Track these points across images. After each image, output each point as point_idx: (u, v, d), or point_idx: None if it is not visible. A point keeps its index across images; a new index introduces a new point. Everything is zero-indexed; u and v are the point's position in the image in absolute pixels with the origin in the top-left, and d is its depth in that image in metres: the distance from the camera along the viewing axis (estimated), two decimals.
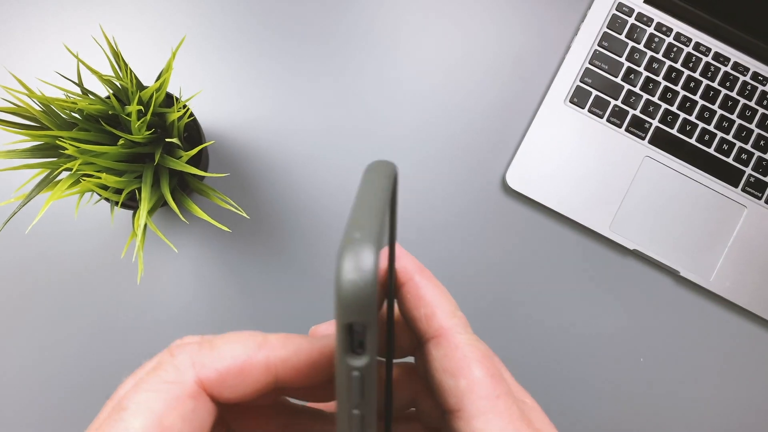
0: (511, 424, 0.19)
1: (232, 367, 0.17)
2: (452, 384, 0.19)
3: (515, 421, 0.19)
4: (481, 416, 0.18)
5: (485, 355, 0.20)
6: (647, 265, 0.52)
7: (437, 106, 0.52)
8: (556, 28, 0.53)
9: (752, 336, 0.53)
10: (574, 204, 0.51)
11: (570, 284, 0.52)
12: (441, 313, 0.20)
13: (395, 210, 0.22)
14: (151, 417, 0.15)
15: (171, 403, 0.16)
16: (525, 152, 0.51)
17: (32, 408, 0.49)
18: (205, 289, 0.50)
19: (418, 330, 0.20)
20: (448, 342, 0.20)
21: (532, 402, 0.22)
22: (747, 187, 0.52)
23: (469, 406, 0.19)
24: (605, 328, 0.52)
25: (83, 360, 0.49)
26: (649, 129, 0.52)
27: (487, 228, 0.52)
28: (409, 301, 0.20)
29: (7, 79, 0.50)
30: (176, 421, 0.16)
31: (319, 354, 0.19)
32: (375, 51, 0.52)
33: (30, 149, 0.37)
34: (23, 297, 0.49)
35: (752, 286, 0.52)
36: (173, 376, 0.17)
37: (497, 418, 0.19)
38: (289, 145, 0.51)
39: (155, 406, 0.16)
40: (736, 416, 0.52)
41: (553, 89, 0.52)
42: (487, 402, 0.19)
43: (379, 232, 0.15)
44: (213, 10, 0.52)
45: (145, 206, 0.36)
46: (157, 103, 0.37)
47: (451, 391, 0.19)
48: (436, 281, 0.21)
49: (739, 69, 0.53)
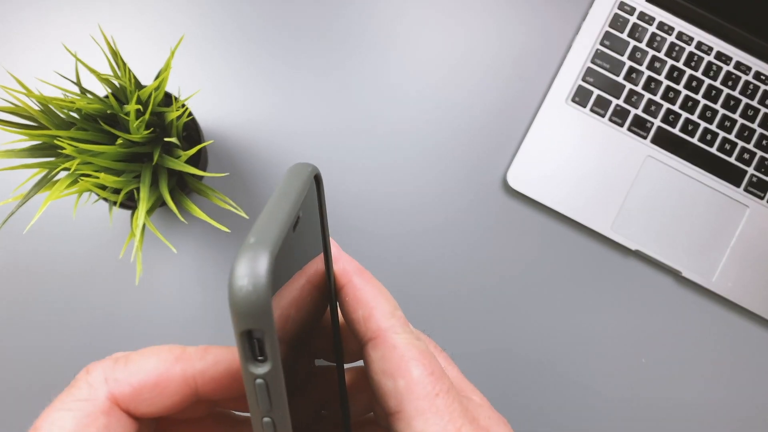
0: (451, 422, 0.18)
1: (147, 381, 0.17)
2: (391, 385, 0.19)
3: (456, 419, 0.18)
4: (420, 416, 0.18)
5: (424, 353, 0.19)
6: (649, 265, 0.52)
7: (438, 106, 0.52)
8: (557, 26, 0.53)
9: (754, 336, 0.53)
10: (576, 204, 0.51)
11: (571, 284, 0.52)
12: (379, 314, 0.20)
13: (324, 213, 0.21)
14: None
15: (83, 421, 0.16)
16: (526, 152, 0.51)
17: (31, 408, 0.48)
18: (204, 289, 0.50)
19: (358, 332, 0.20)
20: (386, 342, 0.19)
21: (480, 399, 0.21)
22: (749, 186, 0.52)
23: (408, 406, 0.18)
24: (606, 328, 0.52)
25: (82, 360, 0.49)
26: (651, 128, 0.52)
27: (488, 228, 0.52)
28: (348, 304, 0.20)
29: (6, 79, 0.50)
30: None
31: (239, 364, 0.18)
32: (375, 50, 0.52)
33: (28, 149, 0.37)
34: (21, 297, 0.49)
35: (754, 287, 0.52)
36: (86, 393, 0.16)
37: (436, 416, 0.18)
38: (289, 144, 0.51)
39: (67, 425, 0.16)
40: (738, 416, 0.52)
41: (555, 88, 0.52)
42: (426, 401, 0.18)
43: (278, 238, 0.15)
44: (212, 10, 0.51)
45: (144, 206, 0.36)
46: (156, 102, 0.36)
47: (390, 392, 0.19)
48: (375, 282, 0.21)
49: (741, 68, 0.53)
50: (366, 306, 0.20)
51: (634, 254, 0.52)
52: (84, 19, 0.50)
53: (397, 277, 0.51)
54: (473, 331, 0.51)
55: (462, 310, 0.51)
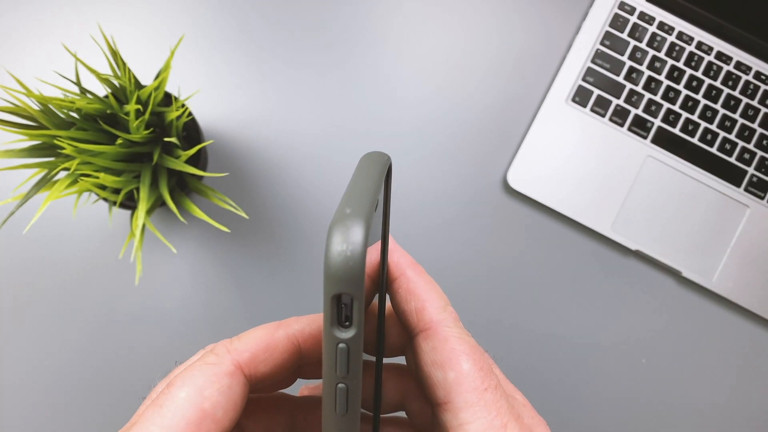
0: (498, 417, 0.19)
1: (260, 346, 0.20)
2: (440, 376, 0.19)
3: (503, 414, 0.19)
4: (469, 408, 0.19)
5: (474, 348, 0.20)
6: (649, 265, 0.52)
7: (438, 105, 0.52)
8: (557, 26, 0.53)
9: (755, 337, 0.52)
10: (576, 204, 0.51)
11: (571, 284, 0.52)
12: (431, 307, 0.20)
13: (388, 204, 0.22)
14: (194, 389, 0.18)
15: (211, 379, 0.19)
16: (526, 152, 0.51)
17: (29, 409, 0.48)
18: (203, 289, 0.50)
19: (409, 324, 0.21)
20: (438, 335, 0.20)
21: (522, 399, 0.22)
22: (749, 186, 0.52)
23: (457, 398, 0.19)
24: (606, 328, 0.52)
25: (81, 360, 0.49)
26: (651, 128, 0.52)
27: (488, 228, 0.52)
28: (400, 295, 0.21)
29: (6, 79, 0.50)
30: (214, 394, 0.19)
31: None
32: (375, 50, 0.52)
33: (28, 149, 0.37)
34: (21, 297, 0.49)
35: (755, 287, 0.51)
36: (213, 359, 0.20)
37: (484, 410, 0.19)
38: (289, 144, 0.51)
39: (198, 381, 0.19)
40: (739, 417, 0.52)
41: (555, 88, 0.52)
42: (475, 395, 0.19)
43: (370, 211, 0.15)
44: (212, 10, 0.51)
45: (144, 206, 0.36)
46: (156, 102, 0.36)
47: (439, 383, 0.19)
48: (427, 276, 0.21)
49: (742, 68, 0.53)
50: (419, 298, 0.20)
51: (634, 254, 0.52)
52: (84, 18, 0.50)
53: None
54: (472, 331, 0.51)
55: (461, 310, 0.51)
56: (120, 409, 0.49)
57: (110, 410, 0.49)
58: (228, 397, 0.19)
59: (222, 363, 0.19)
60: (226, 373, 0.19)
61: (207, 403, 0.18)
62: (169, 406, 0.18)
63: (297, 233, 0.50)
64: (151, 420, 0.18)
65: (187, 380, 0.19)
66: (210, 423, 0.18)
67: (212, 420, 0.18)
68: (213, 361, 0.19)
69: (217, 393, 0.19)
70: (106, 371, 0.49)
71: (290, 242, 0.50)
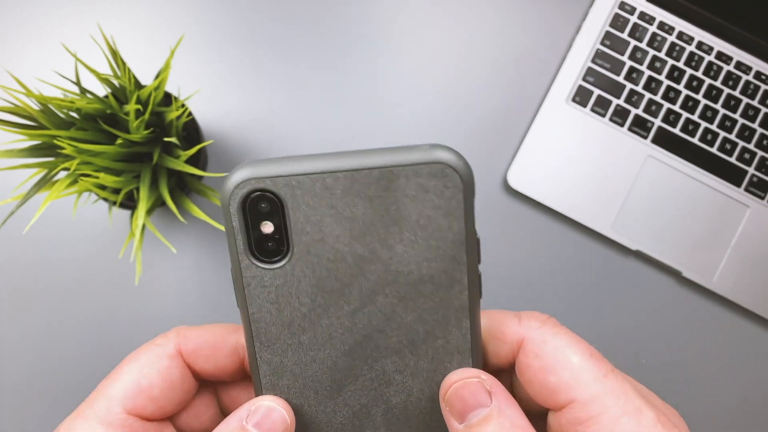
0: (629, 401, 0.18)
1: (208, 342, 0.21)
2: (554, 380, 0.18)
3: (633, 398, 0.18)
4: (596, 401, 0.18)
5: (574, 338, 0.19)
6: (649, 265, 0.52)
7: (437, 105, 0.52)
8: (557, 26, 0.53)
9: (755, 337, 0.52)
10: (576, 204, 0.51)
11: (571, 284, 0.52)
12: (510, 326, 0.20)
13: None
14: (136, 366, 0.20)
15: (152, 359, 0.20)
16: (526, 152, 0.51)
17: (29, 409, 0.48)
18: (203, 289, 0.50)
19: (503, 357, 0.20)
20: (533, 341, 0.19)
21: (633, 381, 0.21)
22: (750, 186, 0.52)
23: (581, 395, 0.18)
24: (606, 328, 0.52)
25: (81, 360, 0.49)
26: (652, 128, 0.52)
27: (488, 228, 0.52)
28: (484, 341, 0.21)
29: (6, 79, 0.50)
30: (152, 373, 0.20)
31: None
32: (375, 50, 0.52)
33: (28, 149, 0.36)
34: (20, 297, 0.49)
35: (755, 287, 0.51)
36: (161, 341, 0.21)
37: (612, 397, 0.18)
38: (289, 144, 0.51)
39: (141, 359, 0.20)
40: (739, 417, 0.52)
41: (555, 88, 0.52)
42: (597, 385, 0.18)
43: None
44: (212, 9, 0.51)
45: (144, 206, 0.36)
46: (156, 102, 0.36)
47: (557, 387, 0.18)
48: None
49: (742, 68, 0.52)
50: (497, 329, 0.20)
51: (634, 254, 0.52)
52: (84, 18, 0.50)
53: None
54: None
55: None
56: None
57: None
58: (165, 378, 0.20)
59: (167, 345, 0.21)
60: (167, 355, 0.20)
61: (144, 380, 0.20)
62: (115, 379, 0.20)
63: None
64: (99, 391, 0.20)
65: (134, 357, 0.21)
66: (146, 399, 0.20)
67: (148, 397, 0.20)
68: (160, 342, 0.21)
69: (155, 372, 0.20)
70: (106, 371, 0.49)
71: None
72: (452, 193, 0.19)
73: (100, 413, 0.19)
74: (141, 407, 0.20)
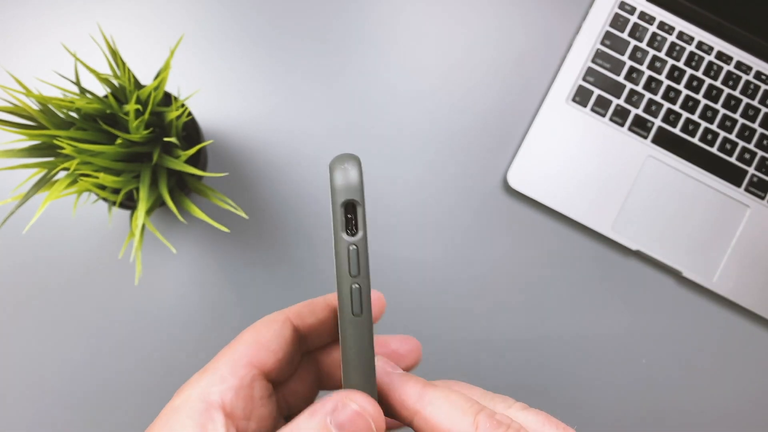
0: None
1: (305, 304, 0.26)
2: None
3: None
4: None
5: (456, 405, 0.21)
6: (650, 265, 0.52)
7: (437, 106, 0.52)
8: (557, 26, 0.53)
9: (755, 337, 0.52)
10: (576, 204, 0.51)
11: (571, 284, 0.52)
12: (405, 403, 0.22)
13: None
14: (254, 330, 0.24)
15: (266, 324, 0.25)
16: (526, 152, 0.51)
17: (29, 409, 0.48)
18: (203, 289, 0.50)
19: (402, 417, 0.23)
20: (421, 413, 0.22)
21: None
22: (750, 186, 0.52)
23: None
24: (607, 328, 0.52)
25: (80, 360, 0.49)
26: (652, 128, 0.52)
27: (489, 228, 0.52)
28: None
29: (5, 79, 0.50)
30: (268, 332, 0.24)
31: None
32: (375, 50, 0.52)
33: (27, 149, 0.36)
34: (20, 297, 0.49)
35: (755, 287, 0.51)
36: (272, 316, 0.25)
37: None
38: (289, 144, 0.51)
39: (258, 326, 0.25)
40: (739, 417, 0.52)
41: (555, 88, 0.52)
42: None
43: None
44: (211, 9, 0.51)
45: (143, 206, 0.36)
46: (155, 102, 0.36)
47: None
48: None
49: (742, 68, 0.52)
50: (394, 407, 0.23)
51: (634, 254, 0.52)
52: (84, 18, 0.50)
53: (396, 277, 0.51)
54: (472, 332, 0.51)
55: (461, 309, 0.51)
56: (120, 408, 0.49)
57: (111, 409, 0.49)
58: (279, 334, 0.24)
59: (276, 316, 0.25)
60: (277, 320, 0.25)
61: (263, 338, 0.24)
62: (237, 341, 0.24)
63: (297, 233, 0.50)
64: (222, 352, 0.24)
65: (251, 327, 0.25)
66: (265, 351, 0.24)
67: (266, 349, 0.24)
68: (271, 316, 0.25)
69: (271, 332, 0.24)
70: (105, 371, 0.49)
71: (290, 242, 0.50)
72: None
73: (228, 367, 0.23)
74: (264, 359, 0.24)
